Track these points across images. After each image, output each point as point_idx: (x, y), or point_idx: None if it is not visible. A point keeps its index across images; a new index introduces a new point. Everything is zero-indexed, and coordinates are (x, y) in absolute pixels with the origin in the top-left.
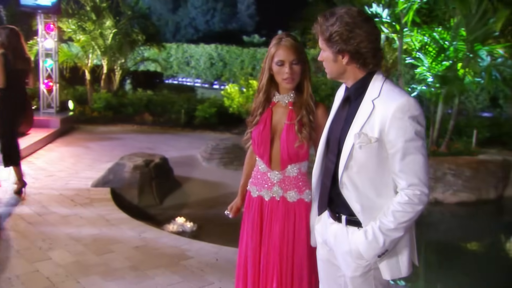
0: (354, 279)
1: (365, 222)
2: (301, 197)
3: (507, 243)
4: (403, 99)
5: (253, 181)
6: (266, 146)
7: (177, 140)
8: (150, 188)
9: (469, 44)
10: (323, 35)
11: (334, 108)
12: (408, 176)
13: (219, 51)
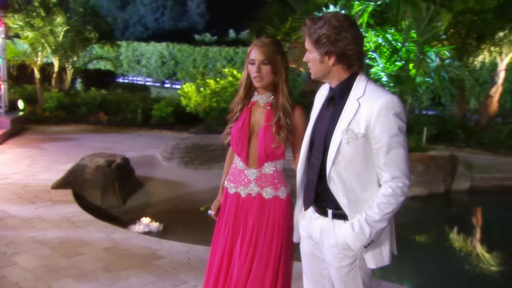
0: (341, 270)
1: (351, 215)
2: (276, 194)
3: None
4: (387, 97)
5: (230, 178)
6: (244, 144)
7: (134, 140)
8: (113, 189)
9: (419, 45)
10: (311, 37)
11: (317, 108)
12: (392, 169)
13: (170, 49)
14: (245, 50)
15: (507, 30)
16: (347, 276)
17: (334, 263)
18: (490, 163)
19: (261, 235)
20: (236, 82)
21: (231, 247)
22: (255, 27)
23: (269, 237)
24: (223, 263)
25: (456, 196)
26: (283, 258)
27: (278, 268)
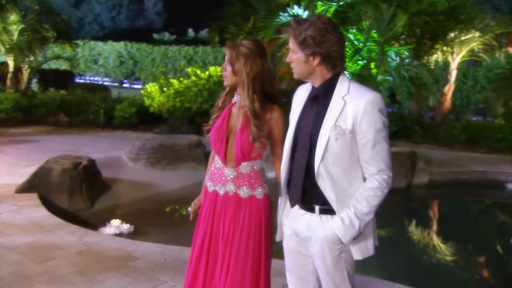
0: (328, 263)
1: (339, 210)
2: (253, 194)
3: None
4: (372, 95)
5: (210, 176)
6: (222, 143)
7: (98, 141)
8: (80, 192)
9: (380, 45)
10: (297, 39)
11: (297, 108)
12: (378, 162)
13: (128, 49)
14: (205, 49)
15: (457, 31)
16: (334, 268)
17: (321, 257)
18: (446, 157)
19: (237, 234)
20: (199, 81)
21: (210, 244)
22: (217, 26)
23: (246, 236)
24: (201, 261)
25: (417, 190)
26: (263, 256)
27: (258, 267)
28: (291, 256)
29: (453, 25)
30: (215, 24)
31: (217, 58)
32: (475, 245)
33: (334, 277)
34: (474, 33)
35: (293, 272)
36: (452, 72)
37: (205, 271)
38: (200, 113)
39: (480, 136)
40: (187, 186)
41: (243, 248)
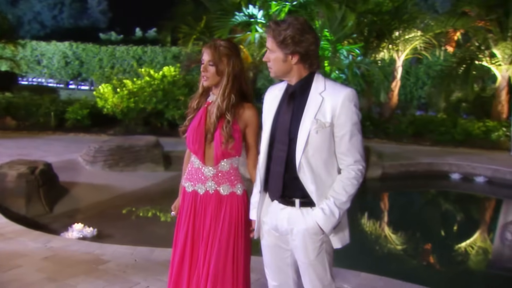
0: (310, 254)
1: (318, 201)
2: (233, 190)
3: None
4: (348, 90)
5: (187, 177)
6: (201, 143)
7: (50, 144)
8: (38, 197)
9: (333, 44)
10: (276, 38)
11: (273, 106)
12: (354, 153)
13: (74, 49)
14: (153, 49)
15: (401, 30)
16: (316, 259)
17: (303, 249)
18: (396, 151)
19: (218, 230)
20: (153, 82)
21: (192, 244)
22: (170, 26)
23: (226, 232)
24: (184, 260)
25: (371, 183)
26: (242, 251)
27: (237, 262)
28: (270, 251)
29: (397, 24)
30: (168, 24)
31: (167, 57)
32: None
33: (316, 268)
34: (416, 32)
35: (272, 266)
36: (398, 69)
37: (189, 270)
38: (155, 114)
39: (425, 130)
40: (146, 187)
41: (224, 243)
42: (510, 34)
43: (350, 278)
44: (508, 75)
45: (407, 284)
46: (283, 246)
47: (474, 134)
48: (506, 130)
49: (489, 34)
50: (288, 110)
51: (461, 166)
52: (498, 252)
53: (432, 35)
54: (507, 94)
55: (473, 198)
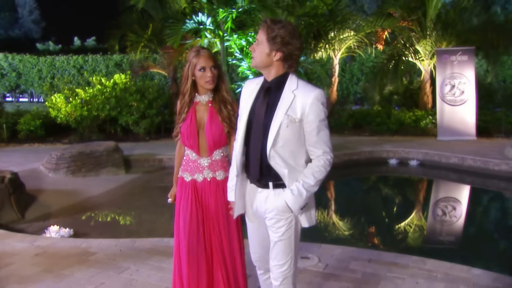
0: (279, 231)
1: (289, 184)
2: (227, 175)
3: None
4: (317, 91)
5: (184, 168)
6: (195, 138)
7: (7, 155)
8: (10, 204)
9: None
10: (269, 34)
11: (250, 98)
12: (322, 145)
13: (10, 60)
14: (95, 58)
15: (336, 31)
16: (284, 235)
17: (274, 225)
18: (339, 142)
19: (220, 210)
20: (105, 89)
21: (198, 225)
22: (117, 34)
23: (227, 211)
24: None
25: None
26: (239, 224)
27: (238, 232)
28: (253, 228)
29: (332, 25)
30: (115, 33)
31: (109, 65)
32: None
33: (282, 244)
34: (349, 32)
35: (255, 239)
36: (335, 67)
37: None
38: (109, 120)
39: (364, 122)
40: (111, 189)
41: (227, 221)
42: (429, 32)
43: (313, 249)
44: (430, 69)
45: (360, 250)
46: (263, 222)
47: (406, 123)
48: (432, 118)
49: (412, 33)
50: (264, 103)
51: (397, 152)
52: (431, 227)
53: (363, 34)
54: (430, 86)
55: (408, 180)
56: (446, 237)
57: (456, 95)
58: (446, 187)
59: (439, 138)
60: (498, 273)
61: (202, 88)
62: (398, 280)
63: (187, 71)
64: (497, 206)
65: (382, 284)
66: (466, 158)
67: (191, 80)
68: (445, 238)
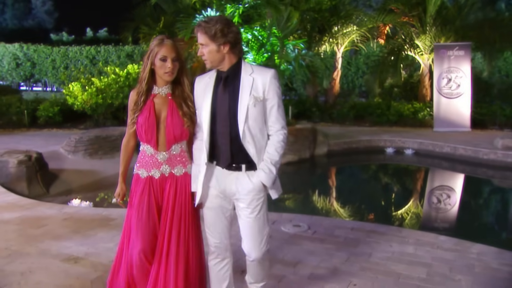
0: (255, 209)
1: (258, 162)
2: (186, 170)
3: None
4: (272, 71)
5: (140, 165)
6: (153, 131)
7: (29, 139)
8: (37, 180)
9: (281, 40)
10: (208, 33)
11: (208, 91)
12: (281, 121)
13: (25, 50)
14: (107, 48)
15: (340, 25)
16: (260, 213)
17: (250, 205)
18: (340, 132)
19: (179, 206)
20: (119, 79)
21: (155, 222)
22: (131, 27)
23: (185, 206)
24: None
25: (319, 159)
26: (197, 220)
27: (197, 229)
28: (213, 212)
29: (336, 20)
30: (129, 25)
31: (121, 56)
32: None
33: (259, 222)
34: (352, 27)
35: (214, 226)
36: (338, 60)
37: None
38: (123, 108)
39: (365, 113)
40: None
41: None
42: (428, 28)
43: (305, 219)
44: (429, 63)
45: (345, 221)
46: (226, 206)
47: (405, 115)
48: (430, 110)
49: (412, 28)
50: (225, 92)
51: (393, 141)
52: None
53: (366, 29)
54: (429, 79)
55: (401, 167)
56: (427, 213)
57: (453, 88)
58: (436, 174)
59: (435, 129)
60: (460, 239)
61: (161, 79)
62: (374, 244)
63: (147, 59)
64: (482, 191)
65: (360, 246)
66: (458, 147)
67: (150, 68)
68: (426, 214)
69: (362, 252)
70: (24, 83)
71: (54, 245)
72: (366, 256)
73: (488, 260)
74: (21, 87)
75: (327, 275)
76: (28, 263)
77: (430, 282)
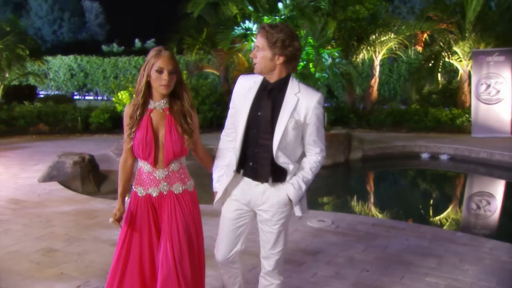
0: (278, 222)
1: (289, 176)
2: (185, 188)
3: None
4: (319, 95)
5: (137, 182)
6: (151, 149)
7: (82, 143)
8: (89, 179)
9: (316, 49)
10: (269, 39)
11: (250, 94)
12: (320, 144)
13: (79, 62)
14: None
15: (377, 34)
16: (282, 226)
17: (274, 218)
18: (376, 138)
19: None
20: None
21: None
22: (176, 38)
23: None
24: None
25: (353, 164)
26: (201, 240)
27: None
28: (230, 223)
29: (373, 29)
30: (174, 36)
31: None
32: (401, 199)
33: (280, 235)
34: (390, 35)
35: (226, 236)
36: (376, 68)
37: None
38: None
39: (402, 119)
40: None
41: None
42: (467, 34)
43: (330, 216)
44: (468, 69)
45: (367, 217)
46: (243, 218)
47: (442, 121)
48: (468, 116)
49: (450, 35)
50: (268, 104)
51: (429, 147)
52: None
53: (403, 36)
54: (468, 85)
55: (437, 173)
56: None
57: (492, 94)
58: (472, 179)
59: (473, 135)
60: (475, 235)
61: (157, 93)
62: (392, 237)
63: (143, 70)
64: None
65: (378, 239)
66: (494, 153)
67: (146, 81)
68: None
69: (380, 244)
70: (77, 93)
71: (104, 233)
72: (382, 247)
73: (499, 254)
74: (75, 96)
75: (344, 262)
76: (83, 246)
77: (438, 270)
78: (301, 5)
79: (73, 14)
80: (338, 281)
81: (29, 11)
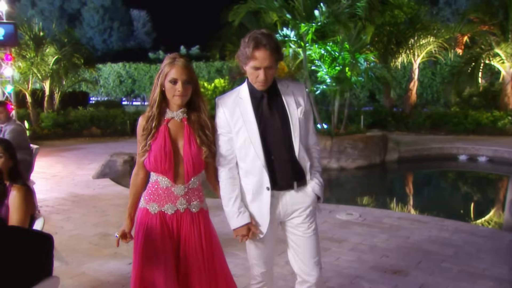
0: (311, 225)
1: (308, 176)
2: (202, 206)
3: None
4: (302, 84)
5: (151, 198)
6: (171, 161)
7: (131, 145)
8: None
9: (351, 54)
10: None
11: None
12: (316, 134)
13: (127, 69)
14: (198, 64)
15: (416, 37)
16: (315, 227)
17: (306, 221)
18: (413, 140)
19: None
20: (207, 92)
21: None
22: (218, 45)
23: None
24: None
25: (389, 165)
26: (223, 260)
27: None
28: (265, 245)
29: (411, 32)
30: (216, 43)
31: (210, 72)
32: (436, 199)
33: (315, 236)
34: (429, 38)
35: (264, 255)
36: (415, 71)
37: None
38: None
39: (441, 122)
40: None
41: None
42: (510, 36)
43: (358, 209)
44: (511, 71)
45: (394, 212)
46: (275, 233)
47: (483, 124)
48: (511, 118)
49: (492, 37)
50: (272, 112)
51: (467, 148)
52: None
53: (443, 39)
54: (511, 87)
55: (476, 174)
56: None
57: None
58: None
59: None
60: (496, 229)
61: (172, 103)
62: (415, 229)
63: (157, 79)
64: None
65: (401, 231)
66: None
67: (160, 90)
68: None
69: (402, 235)
70: (125, 98)
71: None
72: (404, 238)
73: None
74: (123, 102)
75: (366, 249)
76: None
77: (455, 257)
78: (337, 12)
79: (122, 23)
80: (359, 264)
81: (82, 22)
